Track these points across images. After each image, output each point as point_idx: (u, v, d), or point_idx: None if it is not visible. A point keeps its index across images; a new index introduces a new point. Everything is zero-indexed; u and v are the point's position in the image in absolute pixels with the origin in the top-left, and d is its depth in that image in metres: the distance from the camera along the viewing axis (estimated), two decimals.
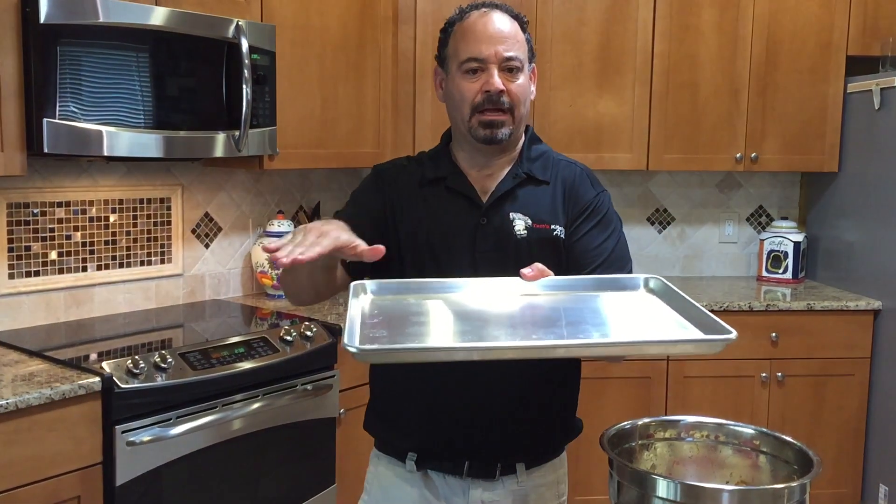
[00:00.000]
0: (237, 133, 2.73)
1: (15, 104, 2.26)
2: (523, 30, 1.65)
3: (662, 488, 1.12)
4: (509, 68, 1.59)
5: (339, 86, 3.19)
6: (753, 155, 3.64)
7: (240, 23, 2.70)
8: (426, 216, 1.63)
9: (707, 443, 1.26)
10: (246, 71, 2.69)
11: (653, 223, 4.04)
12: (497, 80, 1.57)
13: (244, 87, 2.69)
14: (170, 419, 2.32)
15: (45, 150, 2.29)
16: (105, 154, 2.45)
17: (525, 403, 1.61)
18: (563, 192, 1.65)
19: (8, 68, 2.24)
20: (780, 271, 3.87)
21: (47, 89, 2.28)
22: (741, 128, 3.64)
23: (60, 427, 2.12)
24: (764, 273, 3.91)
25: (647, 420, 1.27)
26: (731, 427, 1.28)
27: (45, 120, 2.26)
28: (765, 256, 3.91)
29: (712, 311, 3.45)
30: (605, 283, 1.36)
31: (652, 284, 1.30)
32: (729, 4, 3.57)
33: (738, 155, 3.64)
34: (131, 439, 2.23)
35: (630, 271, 1.64)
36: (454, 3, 3.66)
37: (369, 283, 1.39)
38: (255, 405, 2.54)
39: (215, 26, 2.65)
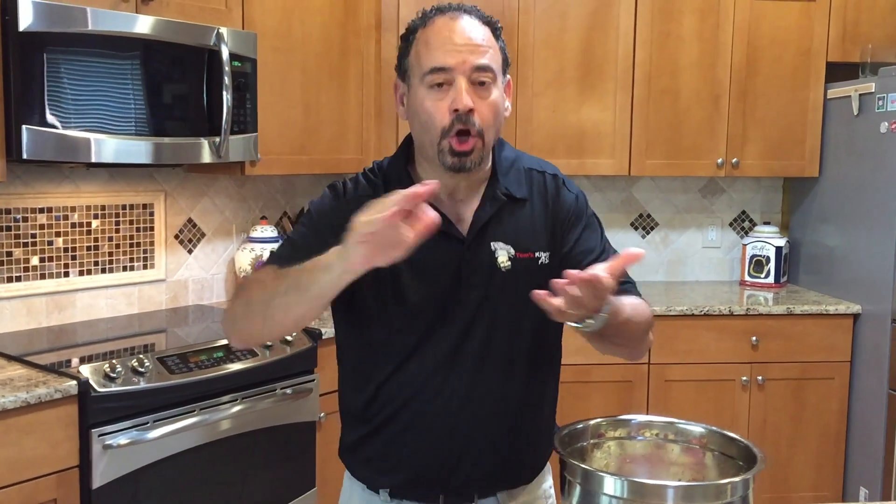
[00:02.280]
0: (218, 139, 2.76)
1: None
2: (496, 37, 1.48)
3: (609, 485, 1.15)
4: (480, 81, 1.42)
5: (321, 93, 3.22)
6: (734, 160, 3.67)
7: (220, 30, 2.73)
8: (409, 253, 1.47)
9: (656, 441, 1.29)
10: (226, 78, 2.72)
11: (636, 228, 4.07)
12: (465, 98, 1.39)
13: (224, 93, 2.72)
14: (147, 423, 2.34)
15: (25, 157, 2.31)
16: (87, 161, 2.48)
17: (500, 440, 1.53)
18: (543, 208, 1.55)
19: None
20: (763, 276, 3.90)
21: (27, 96, 2.30)
22: (722, 133, 3.67)
23: (37, 430, 2.14)
24: (746, 277, 3.94)
25: (598, 420, 1.30)
26: (681, 426, 1.30)
27: (24, 126, 2.29)
28: (747, 261, 3.94)
29: (692, 315, 3.48)
30: None
31: None
32: (709, 12, 3.60)
33: (719, 160, 3.67)
34: (108, 443, 2.25)
35: (635, 287, 1.57)
36: None
37: None
38: (235, 409, 2.56)
39: (197, 34, 2.68)
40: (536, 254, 1.51)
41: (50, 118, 2.35)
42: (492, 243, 1.49)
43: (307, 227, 1.57)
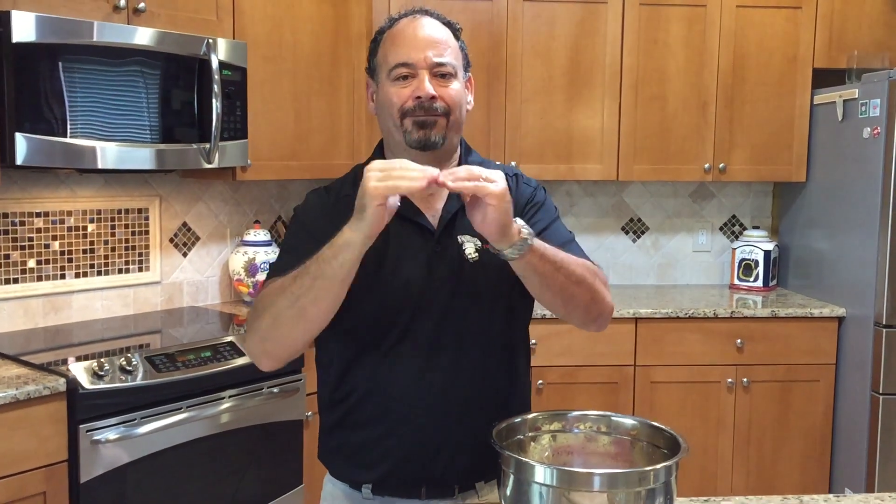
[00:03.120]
0: (208, 146, 2.84)
1: None
2: (457, 37, 1.60)
3: (540, 474, 1.22)
4: (441, 74, 1.53)
5: (312, 100, 3.30)
6: (721, 165, 3.72)
7: (210, 40, 2.81)
8: (380, 246, 1.50)
9: (589, 433, 1.35)
10: (216, 86, 2.81)
11: (627, 232, 4.13)
12: (428, 86, 1.51)
13: (214, 101, 2.81)
14: (134, 419, 2.42)
15: (19, 163, 2.40)
16: (80, 167, 2.58)
17: (478, 431, 1.52)
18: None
19: None
20: (751, 279, 3.95)
21: (20, 105, 2.40)
22: (709, 139, 3.73)
23: (26, 426, 2.23)
24: (736, 281, 3.99)
25: (535, 414, 1.36)
26: (614, 418, 1.36)
27: (17, 134, 2.38)
28: (736, 265, 3.99)
29: (677, 318, 3.52)
30: None
31: None
32: (696, 19, 3.66)
33: (706, 165, 3.72)
34: (96, 438, 2.34)
35: (581, 250, 1.63)
36: None
37: None
38: (221, 407, 2.64)
39: (188, 44, 2.77)
40: None
41: (45, 126, 2.44)
42: (458, 236, 1.54)
43: (301, 232, 1.61)
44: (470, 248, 1.51)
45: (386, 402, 1.57)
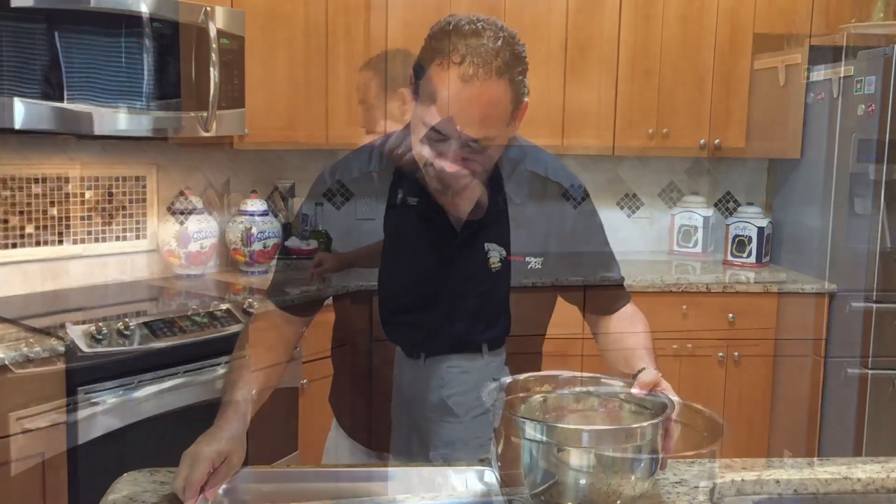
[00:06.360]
0: (205, 114, 2.85)
1: None
2: (512, 79, 1.43)
3: (531, 430, 1.25)
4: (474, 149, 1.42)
5: (310, 70, 3.31)
6: (717, 141, 3.74)
7: (207, 9, 2.82)
8: (396, 235, 1.58)
9: (579, 395, 1.39)
10: (213, 55, 2.81)
11: (622, 207, 4.15)
12: (451, 166, 1.42)
13: (211, 70, 2.82)
14: (132, 384, 2.45)
15: (17, 128, 2.42)
16: (79, 132, 2.59)
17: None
18: (542, 216, 1.61)
19: None
20: (745, 255, 3.97)
21: (19, 70, 2.40)
22: (705, 115, 3.74)
23: (26, 387, 2.25)
24: (729, 257, 4.02)
25: (526, 375, 1.40)
26: (603, 380, 1.40)
27: (15, 99, 2.39)
28: (730, 241, 4.02)
29: (670, 293, 3.53)
30: None
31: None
32: None
33: (701, 141, 3.74)
34: (94, 401, 2.37)
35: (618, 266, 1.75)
36: None
37: None
38: (218, 373, 2.67)
39: (185, 12, 2.77)
40: (527, 258, 1.59)
41: (42, 91, 2.45)
42: (485, 244, 1.56)
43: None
44: (495, 256, 1.56)
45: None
